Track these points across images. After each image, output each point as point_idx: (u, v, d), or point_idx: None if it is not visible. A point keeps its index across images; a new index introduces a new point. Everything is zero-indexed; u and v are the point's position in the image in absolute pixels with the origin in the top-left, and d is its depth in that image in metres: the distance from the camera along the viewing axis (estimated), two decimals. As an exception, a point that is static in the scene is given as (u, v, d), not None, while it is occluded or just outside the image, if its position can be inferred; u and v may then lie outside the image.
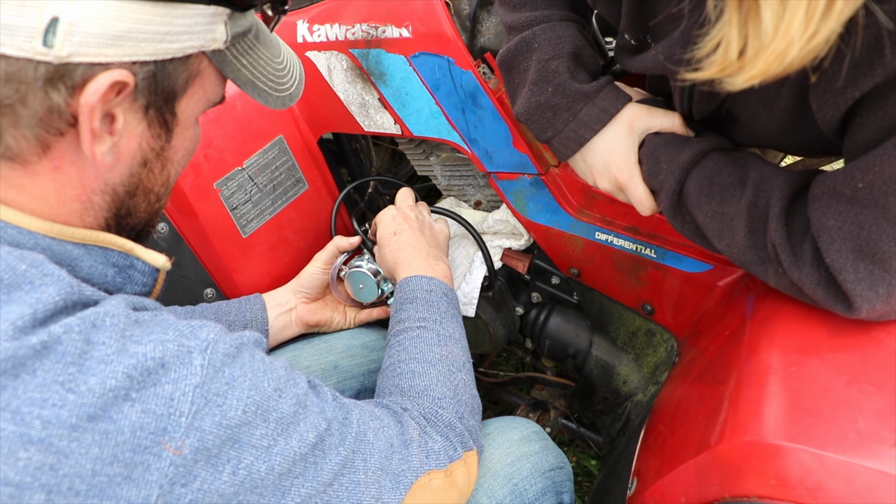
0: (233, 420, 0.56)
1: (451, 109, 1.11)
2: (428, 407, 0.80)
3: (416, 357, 0.87)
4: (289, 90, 0.71)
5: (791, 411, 0.60)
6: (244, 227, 1.20)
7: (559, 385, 1.45)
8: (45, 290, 0.51)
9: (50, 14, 0.49)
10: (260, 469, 0.58)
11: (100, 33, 0.51)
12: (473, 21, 1.09)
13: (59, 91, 0.52)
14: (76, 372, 0.50)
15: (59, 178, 0.57)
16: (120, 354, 0.52)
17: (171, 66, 0.58)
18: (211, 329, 0.59)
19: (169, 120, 0.62)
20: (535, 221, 1.15)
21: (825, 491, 0.55)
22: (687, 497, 0.66)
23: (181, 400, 0.53)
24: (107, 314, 0.53)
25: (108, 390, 0.50)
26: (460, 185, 1.32)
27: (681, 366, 0.95)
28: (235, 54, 0.64)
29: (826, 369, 0.62)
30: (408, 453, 0.73)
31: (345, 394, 1.11)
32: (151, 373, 0.53)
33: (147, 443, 0.51)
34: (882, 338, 0.64)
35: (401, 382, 0.85)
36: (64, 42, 0.50)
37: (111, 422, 0.50)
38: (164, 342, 0.54)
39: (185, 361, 0.55)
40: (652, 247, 1.03)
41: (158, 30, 0.54)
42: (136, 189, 0.63)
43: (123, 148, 0.59)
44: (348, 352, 1.14)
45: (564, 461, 0.99)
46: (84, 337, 0.51)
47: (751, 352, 0.70)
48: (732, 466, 0.61)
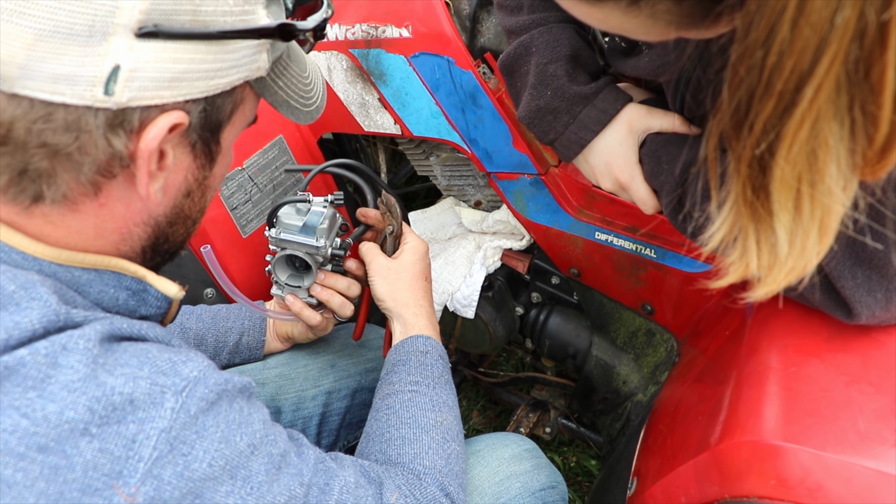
0: (196, 473, 0.52)
1: (451, 109, 1.11)
2: (414, 484, 0.75)
3: (407, 422, 0.81)
4: (315, 103, 0.71)
5: (791, 411, 0.60)
6: (244, 226, 1.20)
7: (559, 385, 1.45)
8: (26, 315, 0.49)
9: (112, 63, 0.48)
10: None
11: (157, 77, 0.51)
12: (473, 21, 1.09)
13: (120, 137, 0.51)
14: (35, 397, 0.47)
15: (103, 214, 0.56)
16: (86, 383, 0.48)
17: (220, 99, 0.57)
18: (195, 366, 0.55)
19: (214, 150, 0.62)
20: (534, 221, 1.15)
21: (825, 491, 0.55)
22: (687, 497, 0.67)
23: (143, 443, 0.50)
24: (81, 337, 0.50)
25: (64, 421, 0.47)
26: (460, 185, 1.32)
27: (681, 366, 0.95)
28: (274, 78, 0.64)
29: (826, 370, 0.62)
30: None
31: (341, 392, 1.11)
32: (117, 409, 0.49)
33: (98, 485, 0.48)
34: (882, 339, 0.64)
35: (388, 450, 0.79)
36: (124, 89, 0.49)
37: (63, 456, 0.47)
38: (136, 378, 0.51)
39: (156, 402, 0.51)
40: (652, 247, 1.03)
41: (211, 67, 0.54)
42: (176, 218, 0.63)
43: (171, 182, 0.59)
44: (345, 350, 1.14)
45: (558, 480, 0.97)
46: (50, 360, 0.48)
47: (751, 352, 0.70)
48: (732, 466, 0.61)
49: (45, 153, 0.50)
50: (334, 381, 1.11)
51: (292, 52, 0.67)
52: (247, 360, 1.05)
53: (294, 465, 0.62)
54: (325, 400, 1.09)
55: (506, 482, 0.90)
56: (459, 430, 0.85)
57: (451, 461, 0.79)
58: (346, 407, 1.11)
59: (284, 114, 0.67)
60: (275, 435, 0.62)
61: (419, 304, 0.97)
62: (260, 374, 1.08)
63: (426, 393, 0.85)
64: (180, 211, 0.63)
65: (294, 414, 1.07)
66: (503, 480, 0.90)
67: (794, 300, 0.72)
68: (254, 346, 1.05)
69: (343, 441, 1.14)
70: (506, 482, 0.90)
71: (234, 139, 0.65)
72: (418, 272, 0.99)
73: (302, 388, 1.08)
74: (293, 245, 0.96)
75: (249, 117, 0.66)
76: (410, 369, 0.88)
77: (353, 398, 1.12)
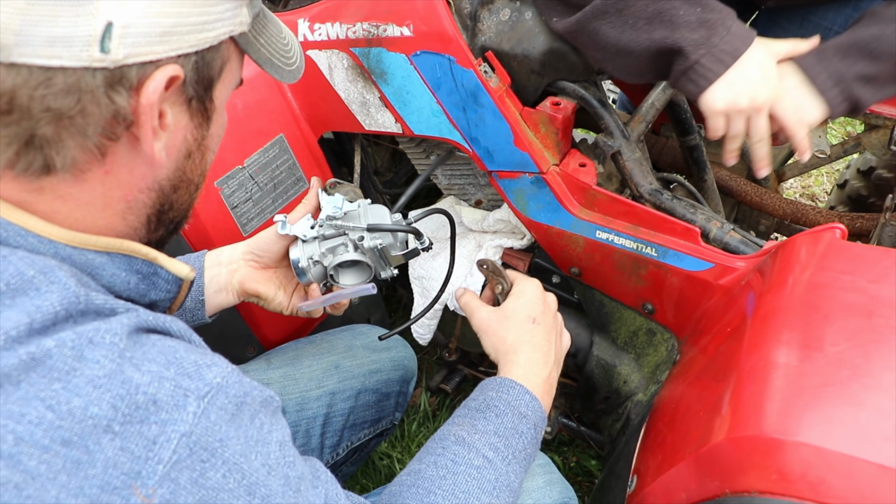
0: (210, 481, 0.51)
1: (452, 108, 1.11)
2: None
3: (459, 497, 0.73)
4: (295, 63, 0.73)
5: (792, 406, 0.60)
6: (245, 225, 1.21)
7: (559, 384, 1.44)
8: (47, 298, 0.49)
9: (104, 20, 0.50)
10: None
11: (149, 32, 0.52)
12: (474, 20, 1.09)
13: (121, 93, 0.52)
14: (60, 389, 0.47)
15: (109, 181, 0.57)
16: (111, 379, 0.48)
17: (209, 54, 0.59)
18: (219, 371, 0.55)
19: (208, 107, 0.63)
20: (535, 220, 1.15)
21: (826, 485, 0.55)
22: (687, 493, 0.66)
23: (164, 445, 0.49)
24: (108, 331, 0.50)
25: (88, 417, 0.47)
26: (461, 184, 1.32)
27: (681, 364, 0.95)
28: (255, 35, 0.65)
29: (827, 365, 0.62)
30: None
31: (345, 393, 1.10)
32: (140, 408, 0.49)
33: (117, 483, 0.47)
34: (884, 333, 0.64)
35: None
36: (119, 45, 0.51)
37: (85, 451, 0.47)
38: (162, 378, 0.51)
39: (178, 404, 0.51)
40: (653, 245, 1.03)
41: (198, 20, 0.55)
42: (179, 182, 0.64)
43: (171, 143, 0.60)
44: (350, 351, 1.14)
45: (570, 495, 0.94)
46: (77, 353, 0.48)
47: (752, 348, 0.70)
48: (733, 462, 0.60)
49: (50, 118, 0.51)
50: (338, 381, 1.10)
51: (266, 14, 0.69)
52: (191, 322, 0.96)
53: (309, 492, 0.60)
54: (329, 401, 1.09)
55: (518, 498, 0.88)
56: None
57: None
58: (349, 408, 1.11)
59: (269, 71, 0.69)
60: (293, 457, 0.60)
61: (533, 348, 0.90)
62: (264, 375, 1.08)
63: (498, 467, 0.77)
64: (183, 174, 0.64)
65: (298, 414, 1.07)
66: None
67: (795, 296, 0.72)
68: (192, 306, 0.96)
69: (347, 442, 1.13)
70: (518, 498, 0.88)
71: (226, 98, 0.66)
72: (524, 315, 0.93)
73: (306, 388, 1.08)
74: (371, 255, 0.94)
75: (236, 77, 0.67)
76: (499, 428, 0.80)
77: (357, 399, 1.12)
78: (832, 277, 0.74)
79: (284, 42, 0.71)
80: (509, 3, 1.09)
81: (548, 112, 1.07)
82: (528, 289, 0.97)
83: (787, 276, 0.76)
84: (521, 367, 0.88)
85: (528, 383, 0.86)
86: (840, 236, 0.83)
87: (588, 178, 1.09)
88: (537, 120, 1.09)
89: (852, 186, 1.52)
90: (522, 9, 1.08)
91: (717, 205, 1.34)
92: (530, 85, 1.10)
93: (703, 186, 1.32)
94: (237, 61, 0.66)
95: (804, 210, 1.29)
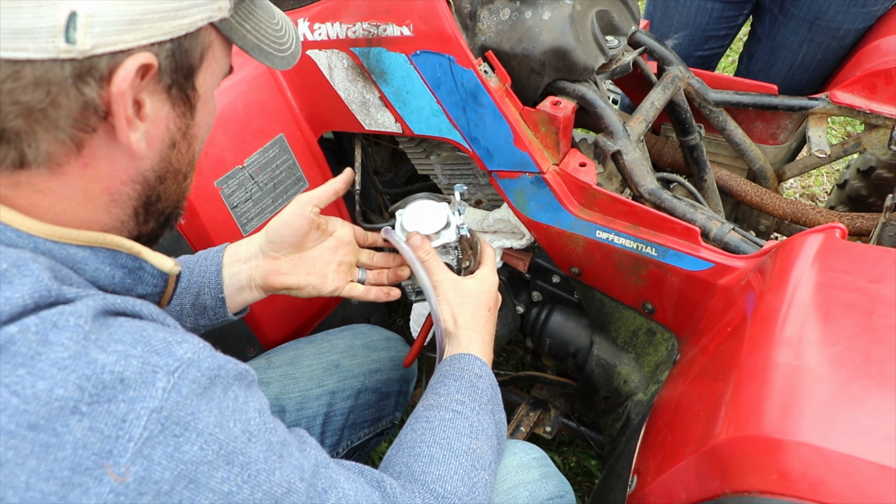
0: (187, 455, 0.51)
1: (452, 108, 1.11)
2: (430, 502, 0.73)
3: (440, 442, 0.78)
4: (290, 49, 0.71)
5: (792, 406, 0.59)
6: (245, 225, 1.20)
7: (559, 384, 1.45)
8: (18, 289, 0.49)
9: (67, 9, 0.48)
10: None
11: (117, 20, 0.51)
12: (474, 19, 1.09)
13: (90, 85, 0.51)
14: (25, 374, 0.46)
15: (89, 174, 0.56)
16: (76, 360, 0.48)
17: (187, 41, 0.57)
18: (190, 347, 0.54)
19: (191, 96, 0.61)
20: (535, 220, 1.15)
21: (826, 485, 0.55)
22: (687, 493, 0.66)
23: (134, 423, 0.49)
24: (72, 313, 0.49)
25: (54, 399, 0.46)
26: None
27: (681, 364, 0.95)
28: (240, 21, 0.64)
29: (827, 364, 0.62)
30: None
31: (345, 392, 1.10)
32: (107, 387, 0.48)
33: (88, 464, 0.47)
34: (884, 332, 0.64)
35: (414, 465, 0.77)
36: (85, 35, 0.49)
37: (53, 434, 0.46)
38: (128, 356, 0.50)
39: (147, 381, 0.50)
40: (653, 245, 1.03)
41: (170, 6, 0.54)
42: (165, 173, 0.63)
43: (153, 133, 0.59)
44: (350, 351, 1.14)
45: (566, 490, 0.96)
46: (41, 337, 0.48)
47: (752, 348, 0.70)
48: (733, 461, 0.60)
49: (19, 111, 0.50)
50: (338, 381, 1.10)
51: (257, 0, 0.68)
52: (214, 320, 0.96)
53: (295, 457, 0.61)
54: (329, 400, 1.09)
55: (513, 491, 0.89)
56: (493, 461, 0.82)
57: (475, 490, 0.77)
58: (349, 407, 1.11)
59: (258, 59, 0.67)
60: (273, 424, 0.60)
61: (477, 331, 0.93)
62: (264, 374, 1.08)
63: (469, 416, 0.82)
64: (168, 164, 0.62)
65: (298, 413, 1.07)
66: (511, 489, 0.89)
67: (795, 296, 0.72)
68: (212, 304, 0.94)
69: (346, 441, 1.14)
70: (513, 491, 0.89)
71: (213, 86, 0.65)
72: (482, 302, 0.95)
73: (306, 387, 1.08)
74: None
75: (223, 65, 0.65)
76: (460, 387, 0.85)
77: (357, 398, 1.12)
78: (832, 277, 0.74)
79: (277, 27, 0.69)
80: (509, 3, 1.09)
81: (548, 112, 1.07)
82: (491, 278, 0.99)
83: (787, 276, 0.76)
84: (468, 341, 0.92)
85: (477, 354, 0.91)
86: (840, 236, 0.83)
87: (588, 177, 1.09)
88: (537, 120, 1.09)
89: (852, 186, 1.52)
90: (522, 8, 1.08)
91: (717, 204, 1.34)
92: (530, 85, 1.10)
93: (703, 186, 1.32)
94: (222, 48, 0.64)
95: (804, 210, 1.29)
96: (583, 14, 1.09)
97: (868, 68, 1.26)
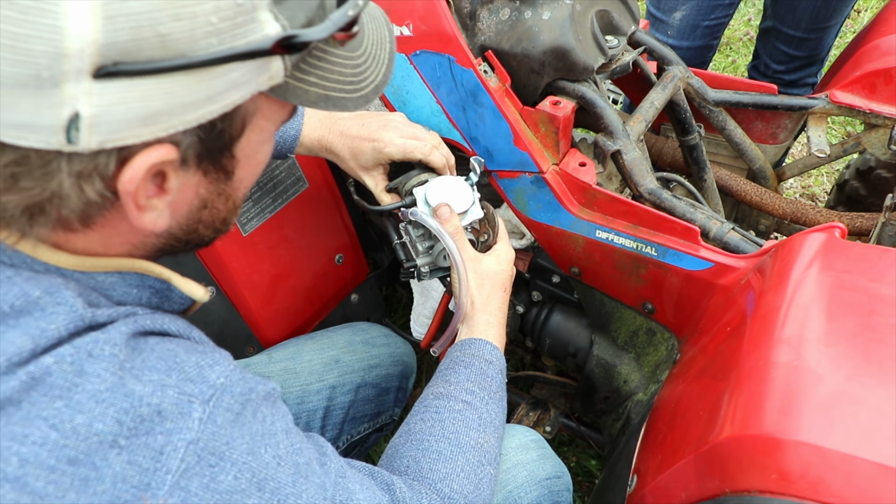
0: (222, 485, 0.51)
1: (452, 108, 1.11)
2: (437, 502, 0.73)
3: (448, 437, 0.78)
4: (373, 82, 0.60)
5: (792, 405, 0.59)
6: (244, 225, 1.20)
7: (559, 384, 1.45)
8: (52, 321, 0.48)
9: (69, 111, 0.42)
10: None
11: (128, 119, 0.44)
12: (474, 19, 1.09)
13: (93, 184, 0.47)
14: (63, 407, 0.46)
15: (107, 232, 0.53)
16: (114, 393, 0.47)
17: (220, 122, 0.50)
18: (222, 370, 0.54)
19: (227, 164, 0.55)
20: (535, 220, 1.15)
21: (826, 484, 0.55)
22: (687, 492, 0.66)
23: (171, 455, 0.49)
24: (106, 342, 0.49)
25: (93, 434, 0.46)
26: (461, 183, 1.32)
27: (681, 364, 0.95)
28: (300, 77, 0.53)
29: (827, 363, 0.62)
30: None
31: (345, 387, 1.11)
32: (145, 420, 0.48)
33: (127, 496, 0.47)
34: (883, 332, 0.64)
35: (422, 460, 0.76)
36: (90, 135, 0.43)
37: (93, 468, 0.46)
38: (164, 386, 0.50)
39: (183, 412, 0.50)
40: (652, 245, 1.03)
41: (198, 97, 0.46)
42: (196, 225, 0.58)
43: (179, 201, 0.54)
44: (350, 347, 1.15)
45: (563, 471, 0.98)
46: (76, 368, 0.47)
47: (751, 348, 0.70)
48: (733, 461, 0.60)
49: (21, 199, 0.46)
50: (338, 375, 1.11)
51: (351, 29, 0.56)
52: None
53: (318, 475, 0.60)
54: (329, 394, 1.10)
55: (513, 471, 0.91)
56: (498, 452, 0.83)
57: (480, 486, 0.77)
58: (349, 402, 1.12)
59: (323, 109, 0.56)
60: (299, 443, 0.60)
61: (493, 314, 0.93)
62: (265, 369, 1.09)
63: (478, 407, 0.82)
64: (198, 220, 0.58)
65: (298, 407, 1.08)
66: (510, 469, 0.91)
67: (795, 295, 0.72)
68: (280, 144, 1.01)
69: (346, 435, 1.14)
70: (513, 471, 0.91)
71: (263, 140, 0.57)
72: (500, 282, 0.95)
73: (306, 382, 1.09)
74: None
75: (277, 120, 0.57)
76: (471, 375, 0.85)
77: (357, 393, 1.13)
78: (832, 276, 0.74)
79: (357, 62, 0.57)
80: (509, 3, 1.09)
81: (548, 111, 1.07)
82: (508, 254, 0.99)
83: (786, 276, 0.76)
84: (484, 325, 0.92)
85: (491, 339, 0.91)
86: (840, 235, 0.83)
87: (588, 177, 1.09)
88: (537, 119, 1.09)
89: (852, 186, 1.52)
90: (522, 8, 1.08)
91: (717, 204, 1.34)
92: (530, 84, 1.10)
93: (702, 186, 1.32)
94: (275, 107, 0.55)
95: (804, 209, 1.29)
96: (582, 14, 1.09)
97: (868, 68, 1.26)
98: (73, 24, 0.40)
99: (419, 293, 1.34)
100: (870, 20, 1.49)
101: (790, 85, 1.85)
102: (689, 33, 1.78)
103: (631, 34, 1.22)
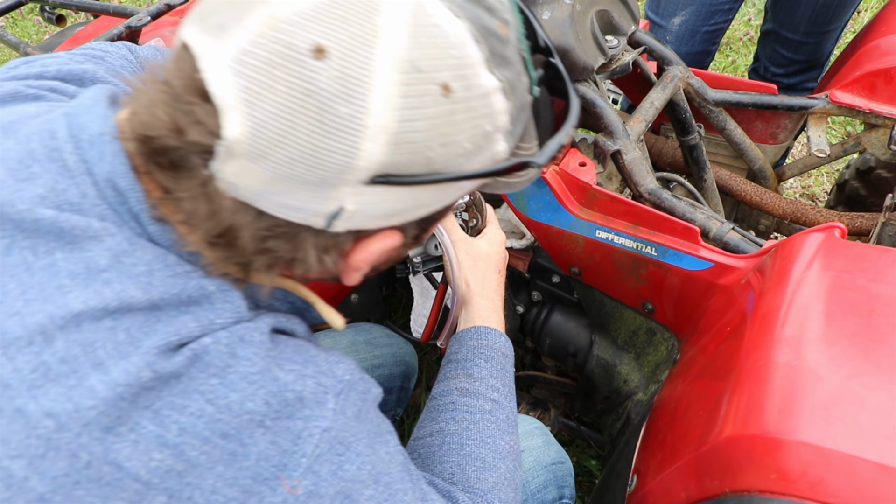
0: (347, 473, 0.55)
1: (452, 108, 1.11)
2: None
3: (487, 442, 0.77)
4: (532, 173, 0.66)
5: (792, 405, 0.60)
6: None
7: (559, 384, 1.45)
8: (220, 314, 0.52)
9: (337, 205, 0.49)
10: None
11: (377, 214, 0.52)
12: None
13: (332, 256, 0.54)
14: (218, 384, 0.50)
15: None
16: (263, 376, 0.51)
17: (439, 212, 0.58)
18: (346, 368, 0.58)
19: (422, 237, 0.62)
20: (535, 220, 1.15)
21: (826, 484, 0.55)
22: (687, 492, 0.66)
23: (307, 440, 0.52)
24: (255, 329, 0.53)
25: (245, 412, 0.50)
26: (461, 183, 1.32)
27: (681, 364, 0.95)
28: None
29: (827, 364, 0.62)
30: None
31: None
32: (289, 405, 0.52)
33: (267, 474, 0.51)
34: (883, 331, 0.64)
35: (468, 469, 0.75)
36: (345, 223, 0.51)
37: (241, 444, 0.50)
38: (304, 376, 0.54)
39: (319, 401, 0.54)
40: (652, 245, 1.03)
41: (434, 199, 0.54)
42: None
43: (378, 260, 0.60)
44: (352, 347, 1.15)
45: (565, 457, 0.99)
46: (230, 350, 0.51)
47: (751, 348, 0.70)
48: (733, 460, 0.61)
49: (267, 259, 0.53)
50: None
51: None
52: None
53: (415, 477, 0.63)
54: None
55: None
56: (520, 450, 0.83)
57: (517, 490, 0.77)
58: None
59: (499, 191, 0.67)
60: (398, 445, 0.63)
61: (491, 299, 0.93)
62: None
63: (506, 407, 0.82)
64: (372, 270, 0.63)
65: None
66: None
67: (795, 295, 0.72)
68: None
69: None
70: None
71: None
72: (493, 263, 0.96)
73: None
74: None
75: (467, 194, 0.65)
76: (493, 370, 0.84)
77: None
78: (832, 276, 0.74)
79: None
80: (509, 3, 1.09)
81: (548, 111, 1.07)
82: (499, 236, 0.99)
83: (786, 276, 0.76)
84: (486, 311, 0.91)
85: (496, 326, 0.91)
86: (840, 235, 0.83)
87: (588, 177, 1.09)
88: (537, 119, 1.09)
89: (852, 186, 1.52)
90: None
91: (717, 204, 1.34)
92: (530, 84, 1.10)
93: (702, 186, 1.32)
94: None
95: (804, 209, 1.29)
96: (582, 14, 1.09)
97: (868, 68, 1.26)
98: (368, 146, 0.46)
99: (419, 293, 1.35)
100: (870, 20, 1.49)
101: (789, 89, 1.85)
102: (688, 39, 1.78)
103: (631, 34, 1.22)
